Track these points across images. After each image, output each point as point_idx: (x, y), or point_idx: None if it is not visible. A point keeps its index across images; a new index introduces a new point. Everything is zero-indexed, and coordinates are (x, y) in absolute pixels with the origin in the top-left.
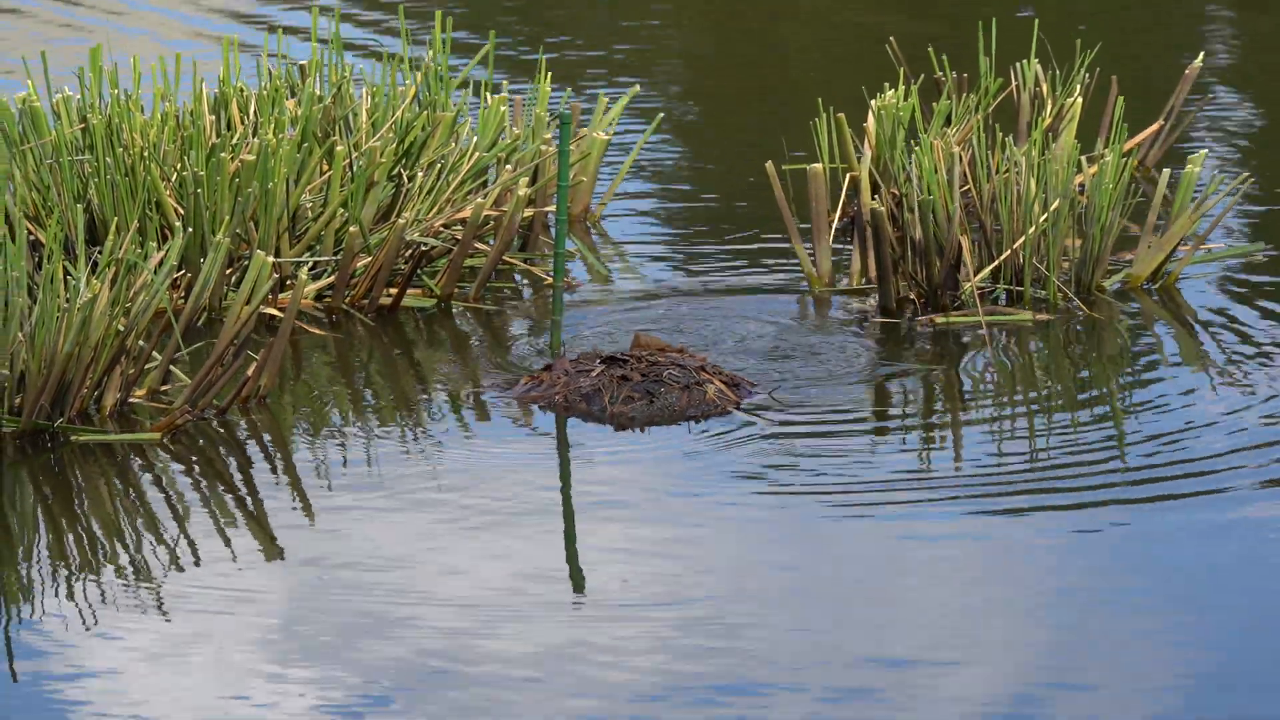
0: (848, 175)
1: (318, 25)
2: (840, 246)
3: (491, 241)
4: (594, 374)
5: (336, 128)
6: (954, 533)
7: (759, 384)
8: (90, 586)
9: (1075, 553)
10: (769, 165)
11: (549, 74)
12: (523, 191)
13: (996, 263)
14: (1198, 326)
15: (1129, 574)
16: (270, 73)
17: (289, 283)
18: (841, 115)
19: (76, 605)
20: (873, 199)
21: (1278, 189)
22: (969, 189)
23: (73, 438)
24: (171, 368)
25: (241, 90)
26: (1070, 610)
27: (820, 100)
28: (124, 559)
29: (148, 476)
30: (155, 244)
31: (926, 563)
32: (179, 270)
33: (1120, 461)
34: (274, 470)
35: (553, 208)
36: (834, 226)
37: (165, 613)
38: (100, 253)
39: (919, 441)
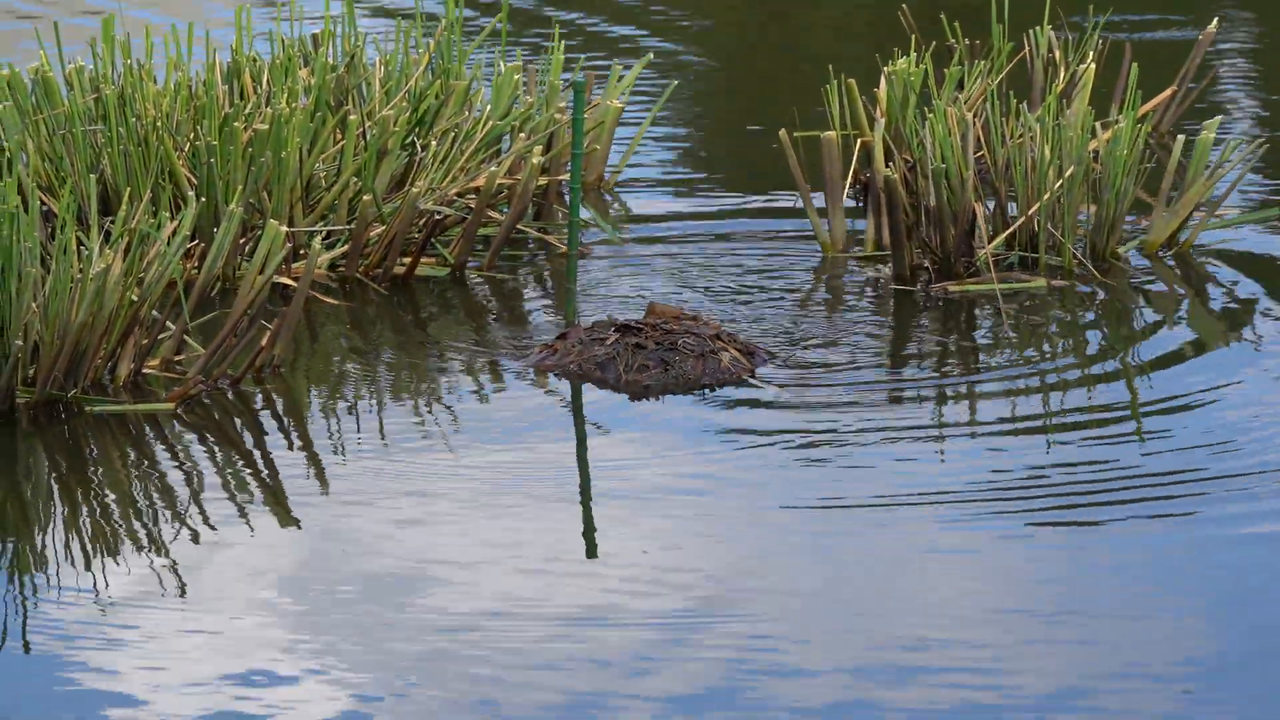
0: (859, 141)
1: None
2: (852, 211)
3: (505, 210)
4: (608, 342)
5: (350, 96)
6: (964, 514)
7: (773, 352)
8: (104, 557)
9: (1082, 543)
10: (783, 133)
11: (563, 41)
12: (536, 160)
13: (1011, 229)
14: (1213, 292)
15: (1140, 559)
16: (283, 41)
17: (302, 252)
18: (852, 81)
19: (91, 575)
20: (886, 165)
21: None
22: (983, 155)
23: (87, 408)
24: (185, 338)
25: (254, 59)
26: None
27: (832, 67)
28: (138, 529)
29: (161, 447)
30: (168, 214)
31: (940, 545)
32: (192, 240)
33: (1136, 438)
34: (288, 440)
35: (567, 176)
36: (845, 193)
37: (180, 583)
38: (113, 223)
39: (932, 413)
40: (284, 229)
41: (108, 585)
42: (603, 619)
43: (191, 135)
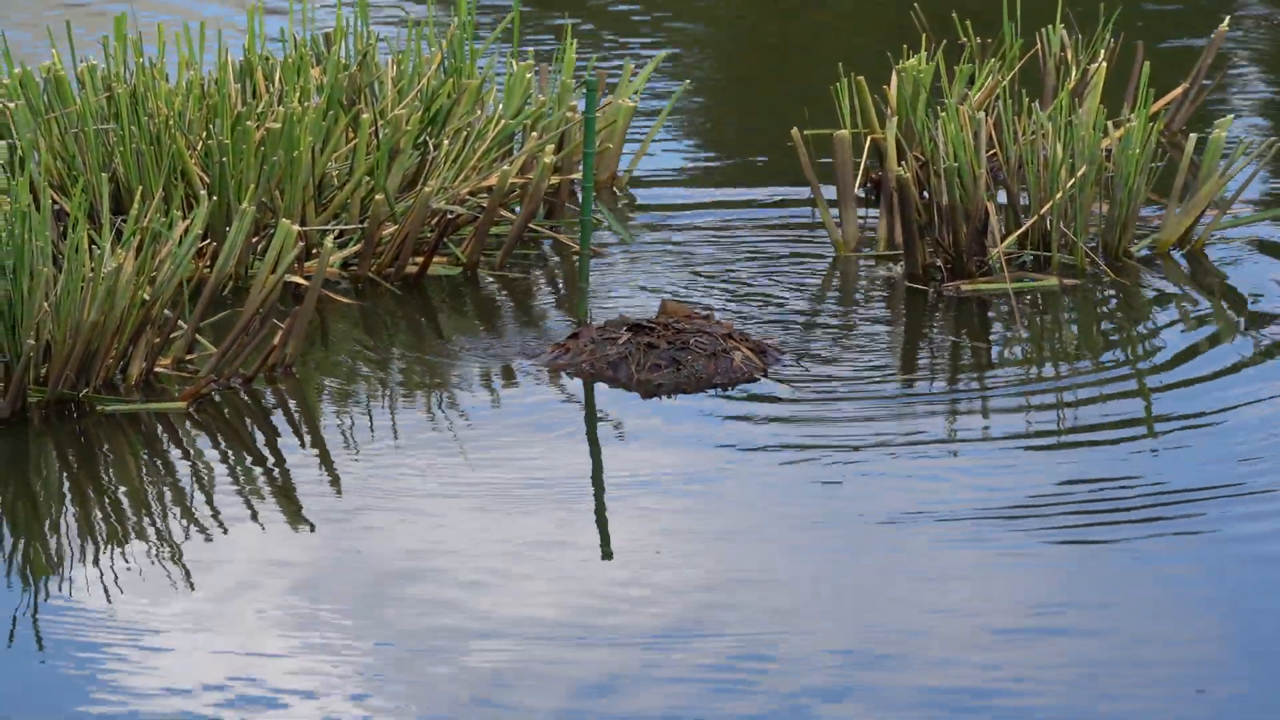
0: (868, 139)
1: None
2: (864, 212)
3: (517, 209)
4: (620, 341)
5: (362, 95)
6: (976, 526)
7: (786, 351)
8: (116, 556)
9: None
10: (795, 131)
11: (574, 40)
12: (549, 159)
13: (1024, 228)
14: (1225, 291)
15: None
16: (295, 40)
17: (314, 251)
18: (861, 78)
19: (102, 575)
20: (898, 164)
21: None
22: (994, 153)
23: (98, 407)
24: (197, 337)
25: (267, 58)
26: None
27: (842, 65)
28: (150, 529)
29: (174, 446)
30: (180, 213)
31: (950, 557)
32: (204, 239)
33: (1151, 445)
34: (300, 439)
35: (579, 175)
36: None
37: (191, 583)
38: (125, 222)
39: (945, 418)
40: (296, 228)
41: (119, 584)
42: (614, 620)
43: (204, 134)
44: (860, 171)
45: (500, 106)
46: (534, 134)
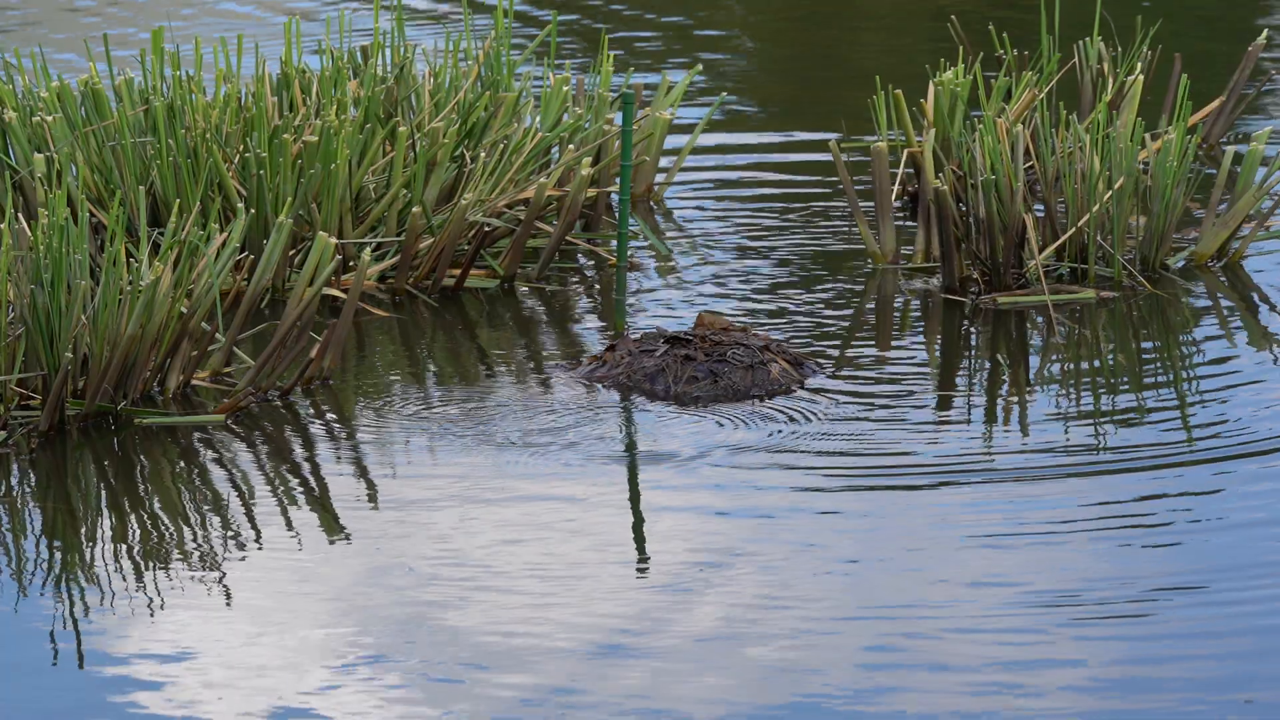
0: (905, 151)
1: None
2: (901, 224)
3: (555, 222)
4: (658, 354)
5: (399, 108)
6: (1016, 523)
7: (823, 364)
8: (154, 569)
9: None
10: (832, 143)
11: (611, 53)
12: (585, 171)
13: (1061, 240)
14: (1263, 304)
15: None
16: (332, 53)
17: (352, 264)
18: (899, 92)
19: (141, 587)
20: (935, 176)
21: None
22: (1032, 166)
23: (136, 420)
24: (235, 349)
25: (304, 71)
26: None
27: (879, 78)
28: (188, 541)
29: (211, 458)
30: (218, 226)
31: (989, 554)
32: (242, 252)
33: (1188, 447)
34: (337, 452)
35: (616, 187)
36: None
37: (229, 595)
38: (162, 235)
39: (982, 427)
40: (333, 241)
41: (158, 597)
42: (653, 632)
43: (241, 147)
44: (898, 184)
45: (537, 119)
46: (571, 147)
